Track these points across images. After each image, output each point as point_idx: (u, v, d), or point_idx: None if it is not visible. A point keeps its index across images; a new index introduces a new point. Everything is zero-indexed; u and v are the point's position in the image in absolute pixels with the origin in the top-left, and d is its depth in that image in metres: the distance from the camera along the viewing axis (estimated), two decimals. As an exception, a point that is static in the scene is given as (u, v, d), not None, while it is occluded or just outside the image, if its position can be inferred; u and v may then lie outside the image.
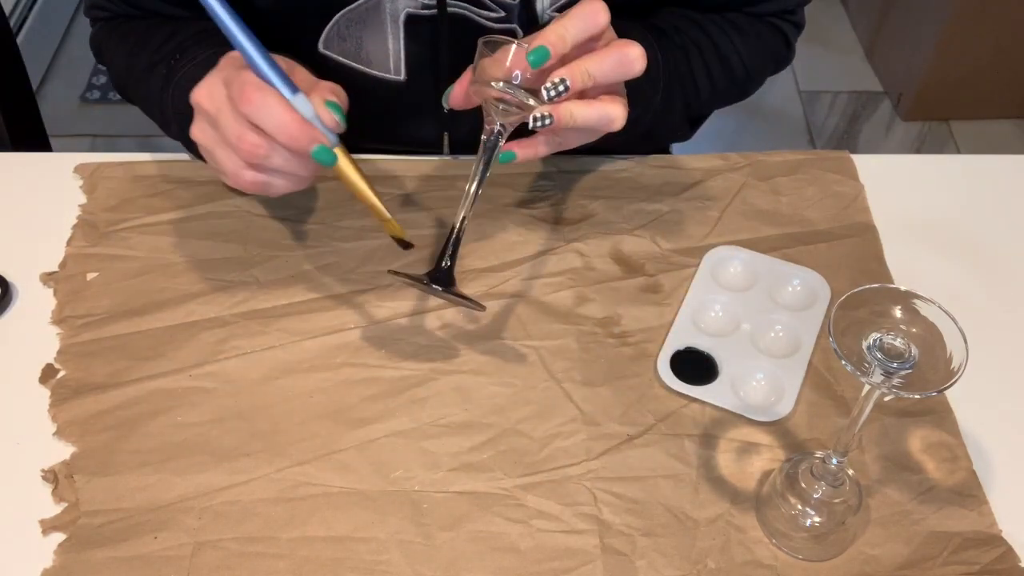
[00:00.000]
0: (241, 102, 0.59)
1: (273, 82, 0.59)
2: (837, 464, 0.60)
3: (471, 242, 0.77)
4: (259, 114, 0.59)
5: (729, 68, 0.82)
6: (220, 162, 0.62)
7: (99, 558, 0.60)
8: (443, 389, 0.69)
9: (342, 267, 0.75)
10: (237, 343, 0.71)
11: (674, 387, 0.69)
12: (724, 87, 0.83)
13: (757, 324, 0.72)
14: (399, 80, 0.80)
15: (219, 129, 0.61)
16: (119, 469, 0.64)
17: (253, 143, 0.59)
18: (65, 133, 1.98)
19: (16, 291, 0.74)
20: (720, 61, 0.81)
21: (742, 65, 0.82)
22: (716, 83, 0.81)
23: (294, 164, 0.61)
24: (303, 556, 0.61)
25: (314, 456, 0.65)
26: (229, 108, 0.60)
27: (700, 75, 0.80)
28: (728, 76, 0.82)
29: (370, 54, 0.79)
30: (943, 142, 2.07)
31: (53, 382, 0.68)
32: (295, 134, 0.59)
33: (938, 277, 0.77)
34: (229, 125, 0.60)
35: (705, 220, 0.80)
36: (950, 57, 1.98)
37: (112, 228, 0.78)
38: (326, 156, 0.61)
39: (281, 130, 0.59)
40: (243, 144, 0.60)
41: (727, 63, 0.81)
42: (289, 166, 0.61)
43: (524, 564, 0.60)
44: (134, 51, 0.79)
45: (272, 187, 0.63)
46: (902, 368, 0.51)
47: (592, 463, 0.65)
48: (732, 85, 0.84)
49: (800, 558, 0.61)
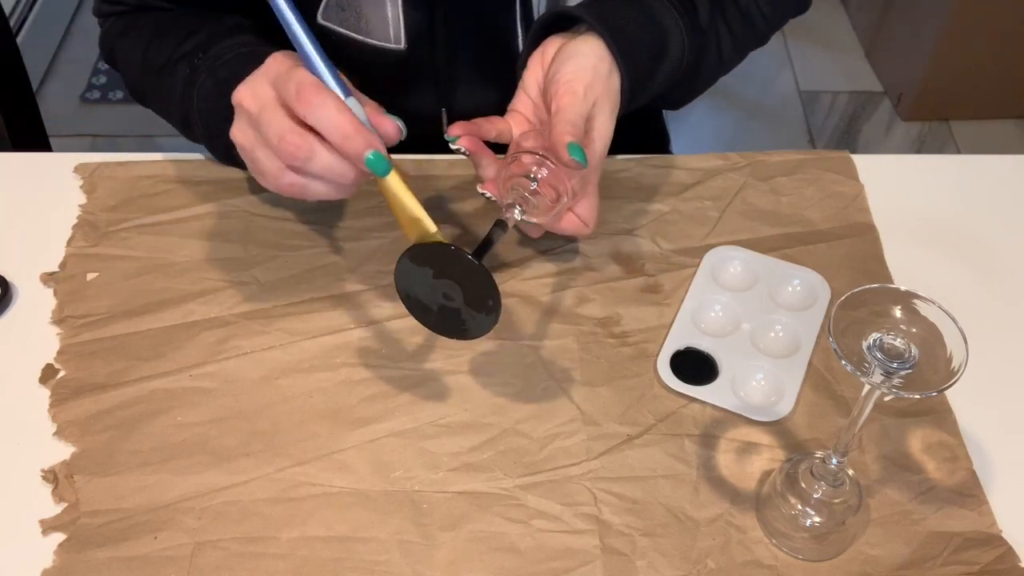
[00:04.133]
0: (299, 101, 0.57)
1: (329, 83, 0.58)
2: (837, 464, 0.60)
3: (471, 243, 0.77)
4: (316, 113, 0.57)
5: (751, 25, 0.81)
6: (259, 163, 0.61)
7: (99, 558, 0.60)
8: (443, 389, 0.69)
9: (342, 267, 0.75)
10: (237, 343, 0.71)
11: (674, 387, 0.69)
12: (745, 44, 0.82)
13: (757, 324, 0.73)
14: (399, 49, 0.79)
15: (260, 129, 0.60)
16: (119, 469, 0.64)
17: (295, 144, 0.58)
18: (65, 133, 1.98)
19: (16, 291, 0.74)
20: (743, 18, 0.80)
21: (763, 18, 0.82)
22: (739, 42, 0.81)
23: (337, 169, 0.59)
24: (303, 556, 0.61)
25: (314, 456, 0.65)
26: (273, 107, 0.59)
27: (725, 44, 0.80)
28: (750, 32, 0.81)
29: (370, 23, 0.78)
30: (943, 142, 2.07)
31: (53, 382, 0.68)
32: (350, 134, 0.57)
33: (938, 277, 0.77)
34: (272, 124, 0.59)
35: (705, 220, 0.80)
36: (950, 57, 1.98)
37: (112, 228, 0.78)
38: (381, 164, 0.58)
39: (336, 130, 0.57)
40: (285, 145, 0.58)
41: (751, 23, 0.81)
42: (331, 171, 0.59)
43: (524, 564, 0.60)
44: (150, 49, 0.77)
45: (310, 191, 0.61)
46: (902, 368, 0.51)
47: (592, 463, 0.65)
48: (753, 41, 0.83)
49: (800, 558, 0.61)
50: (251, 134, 0.61)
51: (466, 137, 0.66)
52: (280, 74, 0.59)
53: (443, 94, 0.84)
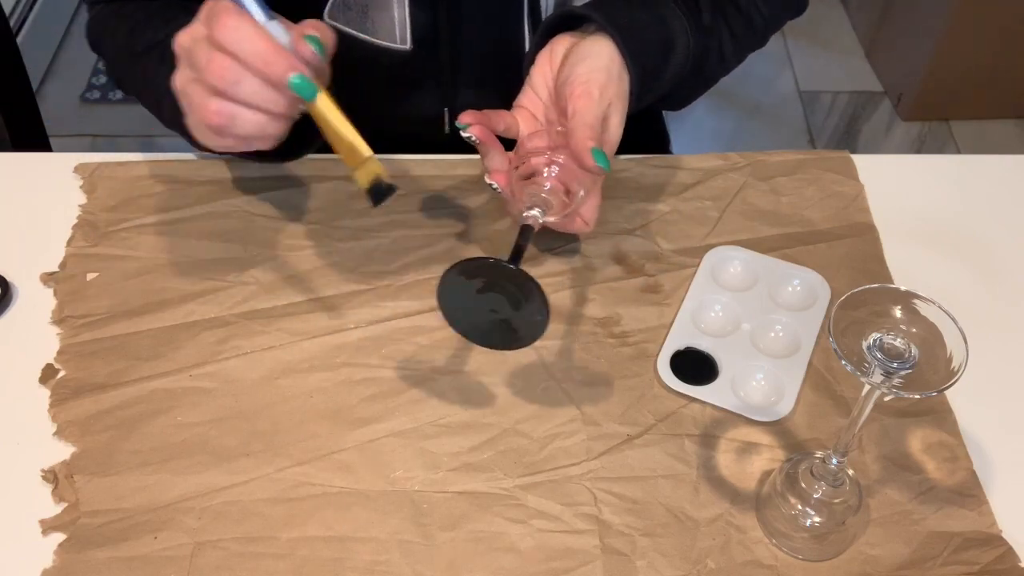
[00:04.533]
0: (216, 27, 0.55)
1: (247, 7, 0.56)
2: (837, 464, 0.60)
3: (472, 243, 0.77)
4: (231, 37, 0.55)
5: (751, 25, 0.81)
6: (188, 97, 0.58)
7: (99, 558, 0.60)
8: (443, 389, 0.69)
9: (342, 267, 0.75)
10: (237, 343, 0.71)
11: (674, 387, 0.69)
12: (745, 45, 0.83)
13: (757, 324, 0.72)
14: (405, 50, 0.79)
15: (192, 63, 0.57)
16: (119, 469, 0.64)
17: (222, 66, 0.55)
18: (65, 133, 1.98)
19: (16, 291, 0.74)
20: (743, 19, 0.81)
21: (762, 19, 0.82)
22: (739, 43, 0.81)
23: (266, 95, 0.57)
24: (303, 556, 0.61)
25: (314, 456, 0.65)
26: (203, 42, 0.57)
27: (726, 44, 0.80)
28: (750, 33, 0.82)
29: (375, 23, 0.78)
30: (943, 142, 2.07)
31: (53, 382, 0.68)
32: (270, 59, 0.55)
33: (938, 277, 0.77)
34: (200, 54, 0.56)
35: (705, 220, 0.80)
36: (950, 57, 1.98)
37: (112, 228, 0.78)
38: (306, 87, 0.56)
39: (256, 55, 0.55)
40: (212, 66, 0.55)
41: (750, 24, 0.81)
42: (259, 96, 0.57)
43: (524, 564, 0.60)
44: (133, 34, 0.76)
45: (238, 122, 0.57)
46: (902, 368, 0.51)
47: (592, 463, 0.65)
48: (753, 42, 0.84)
49: (800, 558, 0.61)
50: (187, 74, 0.58)
51: (477, 126, 0.66)
52: (208, 9, 0.58)
53: (446, 95, 0.84)
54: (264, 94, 0.57)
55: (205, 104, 0.57)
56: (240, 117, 0.57)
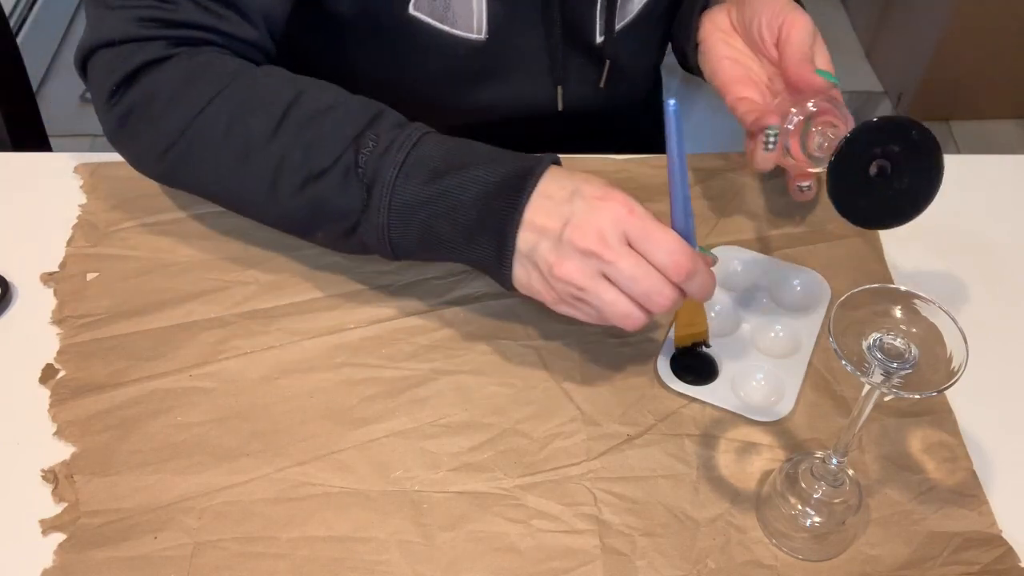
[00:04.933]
0: (676, 271, 0.60)
1: (691, 237, 0.63)
2: (837, 464, 0.60)
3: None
4: (692, 282, 0.61)
5: None
6: (601, 297, 0.61)
7: (99, 558, 0.60)
8: (443, 389, 0.69)
9: (342, 267, 0.75)
10: (237, 343, 0.71)
11: (674, 387, 0.69)
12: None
13: (757, 324, 0.72)
14: (479, 39, 0.80)
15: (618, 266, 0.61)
16: (119, 469, 0.64)
17: (685, 258, 0.61)
18: (65, 133, 1.97)
19: (16, 291, 0.74)
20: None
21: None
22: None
23: (704, 291, 0.63)
24: (303, 556, 0.61)
25: (314, 456, 0.65)
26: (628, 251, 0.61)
27: None
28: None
29: (456, 13, 0.79)
30: (943, 142, 2.05)
31: (53, 382, 0.68)
32: (710, 292, 0.63)
33: (938, 277, 0.77)
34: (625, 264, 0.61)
35: (705, 220, 0.80)
36: (950, 57, 1.97)
37: (112, 228, 0.78)
38: None
39: (704, 292, 0.63)
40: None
41: None
42: (704, 289, 0.63)
43: (524, 564, 0.60)
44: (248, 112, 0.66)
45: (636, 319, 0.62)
46: (902, 368, 0.51)
47: (592, 463, 0.65)
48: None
49: (800, 558, 0.61)
50: (592, 267, 0.61)
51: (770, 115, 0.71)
52: (630, 224, 0.62)
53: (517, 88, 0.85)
54: (708, 289, 0.63)
55: (626, 312, 0.61)
56: (640, 319, 0.62)
